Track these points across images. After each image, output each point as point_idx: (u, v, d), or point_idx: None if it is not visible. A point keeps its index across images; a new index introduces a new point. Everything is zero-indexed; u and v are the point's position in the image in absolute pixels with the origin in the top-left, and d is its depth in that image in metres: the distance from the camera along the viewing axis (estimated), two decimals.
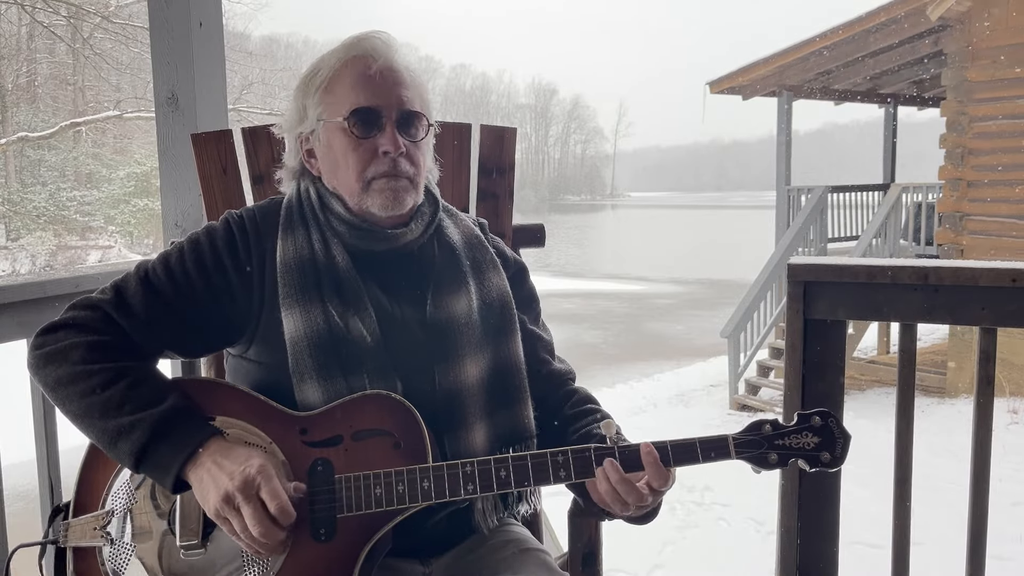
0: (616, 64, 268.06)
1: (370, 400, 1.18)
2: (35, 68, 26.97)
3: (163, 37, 1.95)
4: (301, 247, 1.24)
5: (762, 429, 1.15)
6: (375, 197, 1.24)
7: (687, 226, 53.72)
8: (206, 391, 1.22)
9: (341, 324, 1.21)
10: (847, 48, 10.38)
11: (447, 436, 1.24)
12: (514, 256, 1.45)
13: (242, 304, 1.24)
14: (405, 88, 1.26)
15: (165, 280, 1.22)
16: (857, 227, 11.23)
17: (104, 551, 1.17)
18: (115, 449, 1.12)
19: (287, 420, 1.18)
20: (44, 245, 22.93)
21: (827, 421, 1.15)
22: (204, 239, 1.26)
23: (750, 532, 5.09)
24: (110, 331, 1.18)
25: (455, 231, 1.36)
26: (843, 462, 1.15)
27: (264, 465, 1.08)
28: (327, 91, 1.26)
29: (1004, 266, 1.61)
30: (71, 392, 1.14)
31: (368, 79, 1.24)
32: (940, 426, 7.20)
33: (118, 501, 1.18)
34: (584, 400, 1.39)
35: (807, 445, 1.14)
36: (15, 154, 24.35)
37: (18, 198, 23.85)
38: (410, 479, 1.13)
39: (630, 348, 14.80)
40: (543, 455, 1.15)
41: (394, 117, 1.24)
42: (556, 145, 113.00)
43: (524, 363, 1.34)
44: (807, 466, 1.14)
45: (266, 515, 1.06)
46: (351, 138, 1.24)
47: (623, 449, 1.15)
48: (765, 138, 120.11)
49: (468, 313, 1.28)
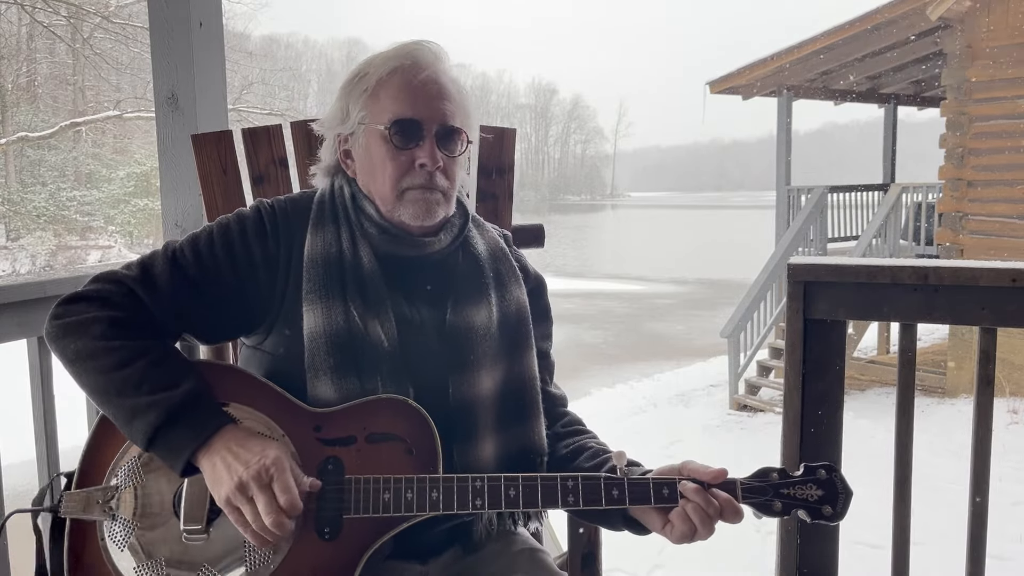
0: (616, 64, 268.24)
1: (387, 404, 1.18)
2: (35, 68, 26.99)
3: (163, 37, 1.95)
4: (329, 244, 1.25)
5: (769, 477, 1.16)
6: (408, 207, 1.24)
7: (687, 226, 53.71)
8: (224, 376, 1.21)
9: (361, 325, 1.20)
10: (847, 48, 10.38)
11: (457, 447, 1.24)
12: (535, 272, 1.44)
13: (265, 293, 1.24)
14: (449, 102, 1.26)
15: (192, 261, 1.22)
16: (857, 227, 11.23)
17: (104, 526, 1.16)
18: (129, 427, 1.12)
19: (302, 415, 1.18)
20: (44, 245, 22.93)
21: (832, 475, 1.17)
22: (235, 224, 1.26)
23: (750, 532, 5.09)
24: (132, 307, 1.18)
25: (481, 242, 1.36)
26: (843, 517, 1.17)
27: (279, 457, 1.09)
28: (372, 96, 1.26)
29: (1004, 266, 1.61)
30: (89, 367, 1.14)
31: (413, 90, 1.24)
32: (940, 426, 7.20)
33: (123, 478, 1.17)
34: (575, 422, 1.41)
35: (810, 497, 1.16)
36: (15, 154, 24.36)
37: (18, 198, 23.85)
38: (419, 488, 1.13)
39: (630, 348, 14.80)
40: (553, 479, 1.15)
41: (434, 131, 1.24)
42: (556, 145, 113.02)
43: (538, 379, 1.34)
44: (808, 517, 1.16)
45: (278, 506, 1.06)
46: (390, 147, 1.24)
47: (632, 481, 1.15)
48: (765, 138, 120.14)
49: (487, 325, 1.28)
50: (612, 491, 1.14)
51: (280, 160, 1.78)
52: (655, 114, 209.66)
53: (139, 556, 1.14)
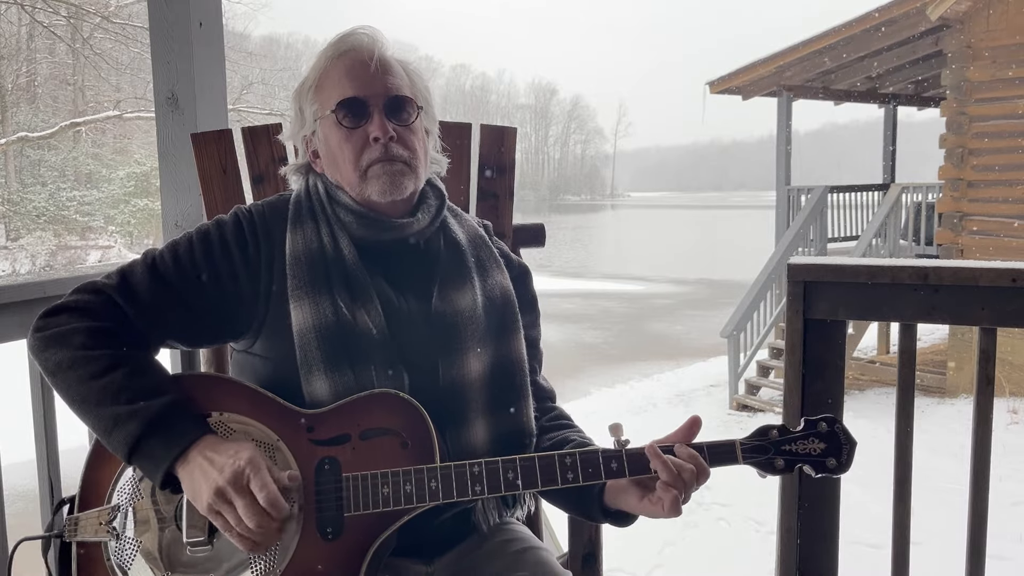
0: (616, 64, 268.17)
1: (378, 399, 1.18)
2: (35, 68, 26.99)
3: (163, 37, 1.95)
4: (310, 240, 1.26)
5: (769, 435, 1.15)
6: (374, 184, 1.25)
7: (687, 226, 53.72)
8: (211, 387, 1.22)
9: (349, 316, 1.21)
10: (847, 48, 10.38)
11: (448, 431, 1.25)
12: (518, 260, 1.45)
13: (248, 297, 1.24)
14: (391, 76, 1.28)
15: (172, 268, 1.23)
16: (857, 227, 11.23)
17: (110, 546, 1.17)
18: (110, 437, 1.11)
19: (294, 417, 1.18)
20: (44, 245, 22.94)
21: (833, 427, 1.15)
22: (214, 230, 1.27)
23: (750, 532, 5.10)
24: (113, 317, 1.18)
25: (460, 230, 1.37)
26: (848, 468, 1.15)
27: (253, 457, 1.08)
28: (318, 89, 1.29)
29: (1004, 266, 1.61)
30: (70, 377, 1.14)
31: (353, 71, 1.26)
32: (940, 426, 7.21)
33: (124, 496, 1.17)
34: (561, 416, 1.41)
35: (813, 451, 1.15)
36: (15, 154, 24.37)
37: (18, 198, 23.86)
38: (417, 479, 1.13)
39: (630, 348, 14.80)
40: (551, 457, 1.15)
41: (381, 104, 1.26)
42: (556, 145, 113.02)
43: (526, 362, 1.34)
44: (813, 472, 1.15)
45: (259, 507, 1.06)
46: (342, 129, 1.26)
47: (630, 452, 1.15)
48: (765, 138, 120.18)
49: (472, 308, 1.29)
50: (611, 464, 1.14)
51: (280, 159, 1.77)
52: (655, 114, 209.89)
53: (146, 572, 1.14)
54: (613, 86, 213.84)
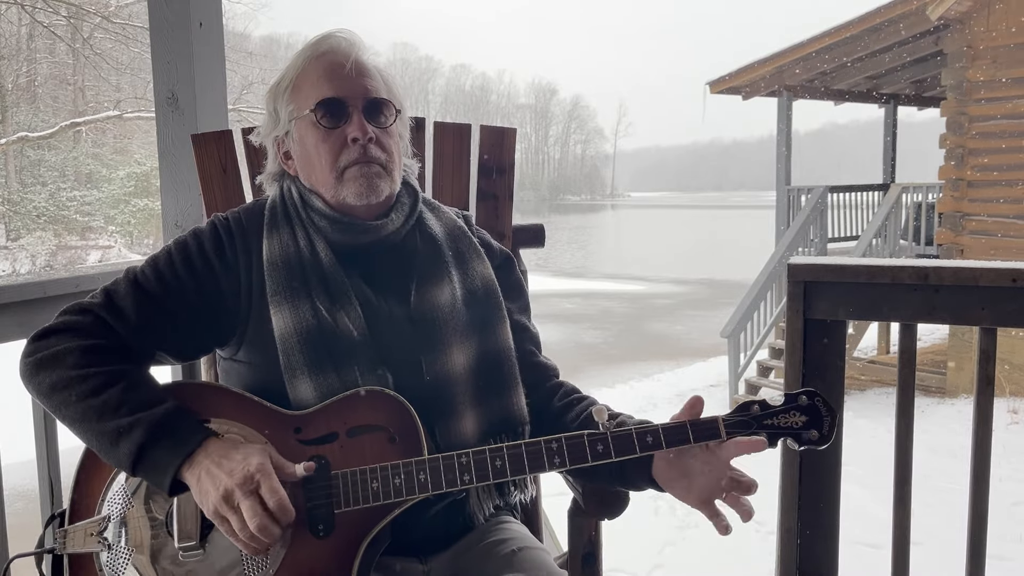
0: (616, 64, 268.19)
1: (363, 396, 1.19)
2: (35, 68, 26.99)
3: (163, 37, 1.95)
4: (287, 245, 1.27)
5: (750, 410, 1.17)
6: (350, 186, 1.25)
7: (687, 226, 53.70)
8: (199, 395, 1.22)
9: (329, 319, 1.22)
10: (847, 48, 10.38)
11: (438, 426, 1.25)
12: (500, 247, 1.45)
13: (231, 304, 1.25)
14: (369, 78, 1.28)
15: (154, 282, 1.24)
16: (857, 227, 11.23)
17: (102, 557, 1.17)
18: (114, 450, 1.11)
19: (281, 420, 1.19)
20: (44, 245, 22.94)
21: (814, 400, 1.16)
22: (191, 241, 1.28)
23: (750, 532, 5.09)
24: (103, 334, 1.19)
25: (436, 223, 1.37)
26: (831, 439, 1.16)
27: (263, 463, 1.09)
28: (295, 89, 1.29)
29: (1004, 266, 1.61)
30: (67, 396, 1.14)
31: (332, 72, 1.26)
32: (940, 426, 7.21)
33: (114, 507, 1.18)
34: (571, 391, 1.40)
35: (795, 424, 1.16)
36: (15, 154, 24.37)
37: (18, 198, 23.87)
38: (406, 472, 1.14)
39: (630, 348, 14.79)
40: (537, 443, 1.16)
41: (360, 106, 1.26)
42: (556, 145, 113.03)
43: (514, 350, 1.34)
44: (796, 444, 1.16)
45: (264, 510, 1.06)
46: (320, 130, 1.26)
47: (616, 435, 1.15)
48: (765, 138, 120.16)
49: (452, 303, 1.29)
50: (597, 446, 1.15)
51: None
52: (655, 114, 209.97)
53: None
54: (613, 86, 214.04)
